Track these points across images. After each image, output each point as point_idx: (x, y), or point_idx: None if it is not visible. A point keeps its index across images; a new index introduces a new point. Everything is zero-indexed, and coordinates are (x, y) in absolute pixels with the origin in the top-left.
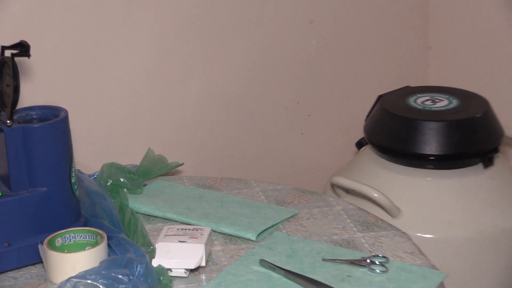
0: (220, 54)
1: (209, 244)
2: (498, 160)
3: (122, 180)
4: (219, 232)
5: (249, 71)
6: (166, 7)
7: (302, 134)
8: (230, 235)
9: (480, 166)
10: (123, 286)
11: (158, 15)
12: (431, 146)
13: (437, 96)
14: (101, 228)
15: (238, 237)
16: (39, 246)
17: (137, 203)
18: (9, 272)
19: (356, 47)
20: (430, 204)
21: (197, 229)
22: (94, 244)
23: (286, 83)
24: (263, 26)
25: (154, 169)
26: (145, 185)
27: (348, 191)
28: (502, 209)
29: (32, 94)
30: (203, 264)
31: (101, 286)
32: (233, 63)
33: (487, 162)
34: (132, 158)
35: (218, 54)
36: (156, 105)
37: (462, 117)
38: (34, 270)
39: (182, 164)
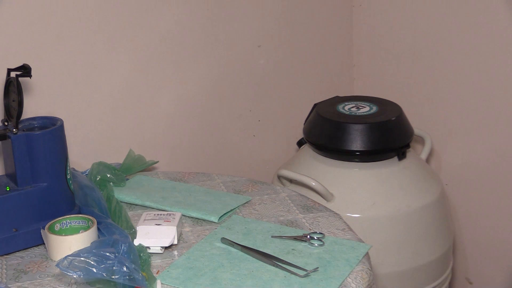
0: (188, 71)
1: (180, 226)
2: (410, 154)
3: (108, 175)
4: (188, 216)
5: (211, 85)
6: (145, 34)
7: (254, 136)
8: (197, 218)
9: (395, 159)
10: (110, 261)
11: (137, 39)
12: (356, 144)
13: (360, 103)
14: (91, 215)
15: (204, 220)
16: (42, 231)
17: (121, 194)
18: (17, 252)
19: (296, 66)
20: (357, 190)
21: (170, 214)
22: (86, 228)
23: (240, 95)
24: (222, 50)
25: (134, 166)
26: (127, 179)
27: (291, 181)
28: (413, 192)
29: (33, 106)
30: (175, 242)
31: (92, 262)
32: (198, 78)
33: (401, 155)
34: (116, 157)
35: (186, 71)
36: (135, 114)
37: (380, 120)
38: (37, 250)
39: (157, 162)
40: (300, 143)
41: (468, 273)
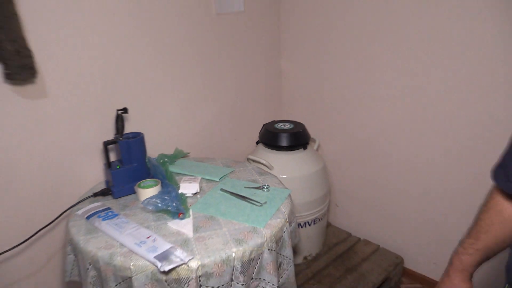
0: (209, 103)
1: (200, 183)
2: (309, 147)
3: (166, 159)
4: (204, 178)
5: (217, 118)
6: (190, 75)
7: (235, 139)
8: (208, 179)
9: (302, 150)
10: (167, 200)
11: (185, 81)
12: (284, 142)
13: (285, 123)
14: (158, 178)
15: (212, 180)
16: (134, 187)
17: (172, 168)
18: (123, 197)
19: (256, 105)
20: (284, 164)
21: (195, 178)
22: (155, 185)
23: (230, 124)
24: (218, 95)
25: (178, 155)
26: (175, 161)
27: (254, 161)
28: (310, 165)
29: (129, 127)
30: (198, 191)
31: (158, 201)
32: (212, 110)
33: (305, 147)
34: (169, 150)
35: (207, 105)
36: (179, 127)
37: (295, 131)
38: (132, 195)
39: (189, 153)
40: (257, 143)
41: (336, 201)
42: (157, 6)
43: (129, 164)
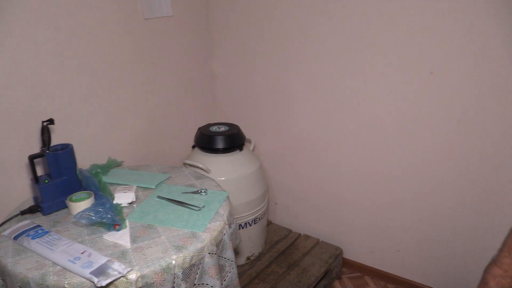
0: (138, 112)
1: (136, 191)
2: (245, 147)
3: (99, 170)
4: (140, 187)
5: (150, 123)
6: (119, 89)
7: (171, 145)
8: (144, 187)
9: (238, 151)
10: (101, 212)
11: (114, 92)
12: (220, 145)
13: (220, 126)
14: (91, 190)
15: (148, 187)
16: (66, 201)
17: (106, 179)
18: (54, 212)
19: (191, 111)
20: (221, 166)
21: (130, 186)
22: (88, 197)
23: (167, 128)
24: (153, 97)
25: (112, 164)
26: (109, 171)
27: (190, 165)
28: (247, 166)
29: (56, 138)
30: (134, 200)
31: (92, 214)
32: (144, 118)
33: (241, 148)
34: (102, 160)
35: (137, 114)
36: (110, 138)
37: (230, 133)
38: (64, 210)
39: (123, 162)
40: (193, 147)
41: (275, 199)
42: (83, 12)
43: (58, 177)
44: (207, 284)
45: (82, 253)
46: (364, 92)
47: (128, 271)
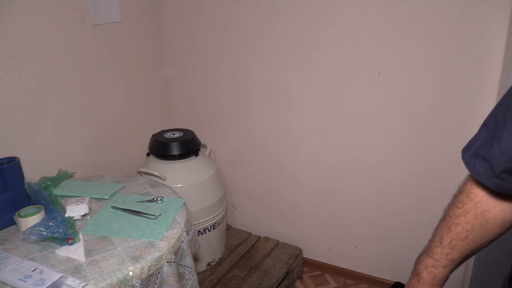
0: (89, 123)
1: (89, 203)
2: (201, 153)
3: (49, 182)
4: (93, 198)
5: (103, 134)
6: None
7: (124, 153)
8: (98, 198)
9: (194, 156)
10: (52, 227)
11: (58, 106)
12: (175, 151)
13: (174, 132)
14: (40, 204)
15: (102, 198)
16: (14, 217)
17: (57, 191)
18: (0, 231)
19: (144, 118)
20: (177, 173)
21: (83, 198)
22: (38, 212)
23: (121, 136)
24: (99, 110)
25: (63, 176)
26: (60, 183)
27: (145, 173)
28: (204, 171)
29: (1, 152)
30: (88, 212)
31: (42, 229)
32: (94, 129)
33: (196, 154)
34: (53, 173)
35: (87, 124)
36: (60, 150)
37: (184, 139)
38: (12, 227)
39: (74, 173)
40: (148, 154)
41: (233, 203)
42: (26, 18)
43: (5, 193)
44: None
45: (33, 270)
46: (317, 93)
47: (83, 286)
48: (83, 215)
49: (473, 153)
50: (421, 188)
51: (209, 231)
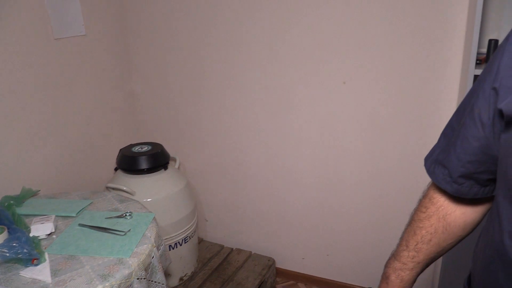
0: (56, 141)
1: (55, 221)
2: (170, 166)
3: (12, 202)
4: (59, 216)
5: (68, 155)
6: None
7: (92, 170)
8: (64, 216)
9: (163, 170)
10: (16, 248)
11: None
12: (143, 165)
13: (143, 146)
14: (4, 225)
15: (68, 216)
16: None
17: (21, 210)
18: None
19: (107, 129)
20: (147, 187)
21: (48, 216)
22: (1, 232)
23: (87, 153)
24: (67, 126)
25: (26, 195)
26: (23, 202)
27: (113, 188)
28: (174, 184)
29: None
30: (54, 230)
31: (5, 250)
32: (59, 147)
33: (166, 167)
34: (16, 191)
35: (55, 140)
36: (24, 159)
37: (153, 152)
38: None
39: (39, 190)
40: (116, 169)
41: (205, 216)
42: None
43: None
44: None
45: None
46: (286, 103)
47: None
48: (48, 234)
49: (433, 160)
50: (386, 195)
51: (181, 245)
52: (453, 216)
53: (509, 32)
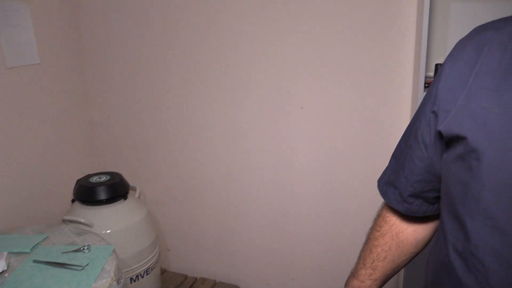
0: (16, 168)
1: (7, 259)
2: (130, 195)
3: None
4: (12, 252)
5: (23, 182)
6: None
7: (47, 201)
8: (17, 252)
9: (122, 200)
10: None
11: None
12: (102, 196)
13: (101, 176)
14: None
15: (22, 252)
16: None
17: None
18: None
19: (63, 159)
20: (106, 219)
21: (0, 253)
22: None
23: (35, 183)
24: (24, 154)
25: None
26: None
27: (71, 221)
28: (134, 214)
29: None
30: (6, 268)
31: None
32: (16, 173)
33: (125, 197)
34: None
35: (15, 167)
36: None
37: (112, 182)
38: None
39: None
40: (73, 201)
41: (167, 246)
42: None
43: None
44: None
45: None
46: (244, 127)
47: None
48: (0, 273)
49: (385, 181)
50: (349, 218)
51: (142, 277)
52: (405, 233)
53: (446, 57)
